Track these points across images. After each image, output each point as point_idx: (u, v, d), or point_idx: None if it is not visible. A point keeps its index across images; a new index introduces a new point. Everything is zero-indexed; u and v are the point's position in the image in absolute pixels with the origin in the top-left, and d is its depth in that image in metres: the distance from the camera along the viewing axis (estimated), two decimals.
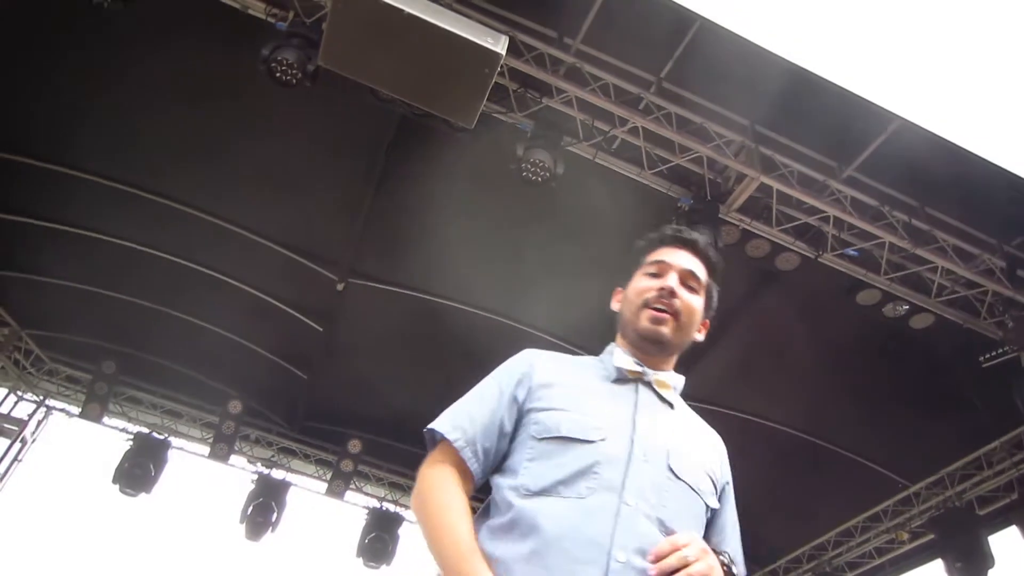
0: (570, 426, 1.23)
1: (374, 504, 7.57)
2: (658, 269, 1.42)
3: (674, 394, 1.39)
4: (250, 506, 7.09)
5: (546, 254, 5.65)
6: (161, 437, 7.12)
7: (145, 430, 7.13)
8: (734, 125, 4.86)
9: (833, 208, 4.86)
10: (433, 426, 1.29)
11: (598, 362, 1.43)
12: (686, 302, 1.38)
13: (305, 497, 7.58)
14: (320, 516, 9.00)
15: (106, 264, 6.20)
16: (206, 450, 7.23)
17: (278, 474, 7.41)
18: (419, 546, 7.53)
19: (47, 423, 7.43)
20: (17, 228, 5.90)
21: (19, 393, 7.25)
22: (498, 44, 3.51)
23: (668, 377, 1.38)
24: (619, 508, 1.15)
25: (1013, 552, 5.76)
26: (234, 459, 7.32)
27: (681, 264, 1.42)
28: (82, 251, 6.09)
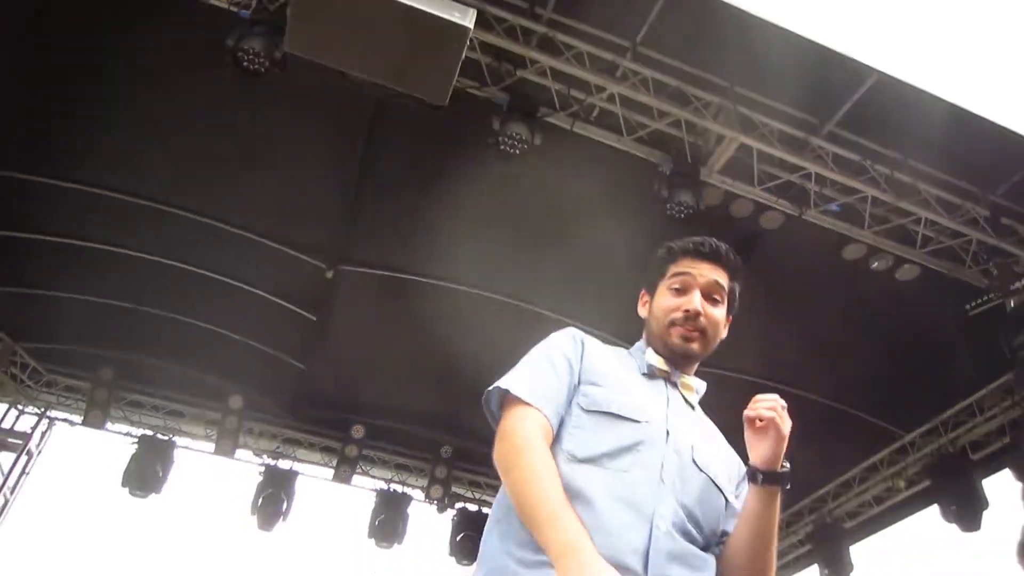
0: (620, 404, 1.32)
1: (381, 486, 7.68)
2: (682, 284, 1.47)
3: (696, 398, 1.48)
4: (260, 497, 7.19)
5: (537, 231, 5.66)
6: (166, 438, 7.18)
7: (149, 432, 7.19)
8: (712, 87, 4.83)
9: (815, 165, 4.86)
10: (517, 392, 1.30)
11: (630, 355, 1.53)
12: (711, 318, 1.45)
13: (313, 484, 7.68)
14: (329, 501, 9.14)
15: (92, 270, 6.17)
16: (211, 446, 7.29)
17: (284, 464, 7.50)
18: (429, 524, 7.70)
19: (51, 434, 7.46)
20: None
21: (20, 407, 7.26)
22: (466, 18, 3.48)
23: (693, 381, 1.48)
24: (658, 486, 1.24)
25: (1006, 494, 5.89)
26: (240, 453, 7.38)
27: (705, 277, 1.47)
28: (66, 260, 6.07)
